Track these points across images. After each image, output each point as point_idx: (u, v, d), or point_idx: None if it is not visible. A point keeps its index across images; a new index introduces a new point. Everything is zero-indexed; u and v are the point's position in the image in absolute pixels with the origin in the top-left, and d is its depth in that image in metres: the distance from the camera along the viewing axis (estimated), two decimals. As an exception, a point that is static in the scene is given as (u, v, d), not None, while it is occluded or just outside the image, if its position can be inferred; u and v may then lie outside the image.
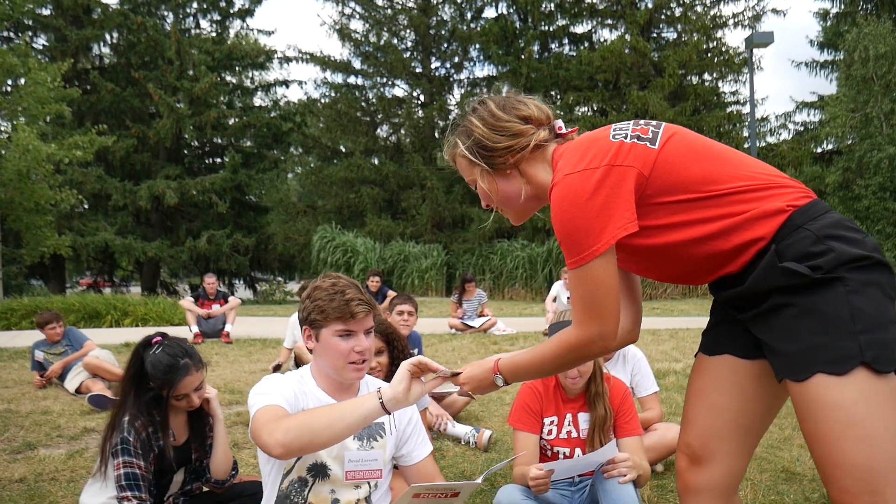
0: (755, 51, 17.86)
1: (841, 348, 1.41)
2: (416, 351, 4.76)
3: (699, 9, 23.44)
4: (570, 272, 1.60)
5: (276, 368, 6.63)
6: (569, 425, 2.81)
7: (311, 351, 2.15)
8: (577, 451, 2.80)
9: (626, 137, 1.61)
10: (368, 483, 2.15)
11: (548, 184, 1.71)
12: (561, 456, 2.82)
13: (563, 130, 1.79)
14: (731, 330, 1.72)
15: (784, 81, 66.15)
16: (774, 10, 23.28)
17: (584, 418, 2.81)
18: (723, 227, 1.55)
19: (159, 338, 2.76)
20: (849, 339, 1.41)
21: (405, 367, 1.84)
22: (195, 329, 9.07)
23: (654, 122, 1.68)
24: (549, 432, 2.83)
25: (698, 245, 1.59)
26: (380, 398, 1.82)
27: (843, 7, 24.41)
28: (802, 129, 24.56)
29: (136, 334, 9.95)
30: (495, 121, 1.73)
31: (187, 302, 9.43)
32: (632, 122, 1.69)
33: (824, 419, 1.43)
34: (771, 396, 1.71)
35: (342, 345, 2.08)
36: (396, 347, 3.11)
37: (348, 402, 1.88)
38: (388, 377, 2.99)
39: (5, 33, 18.58)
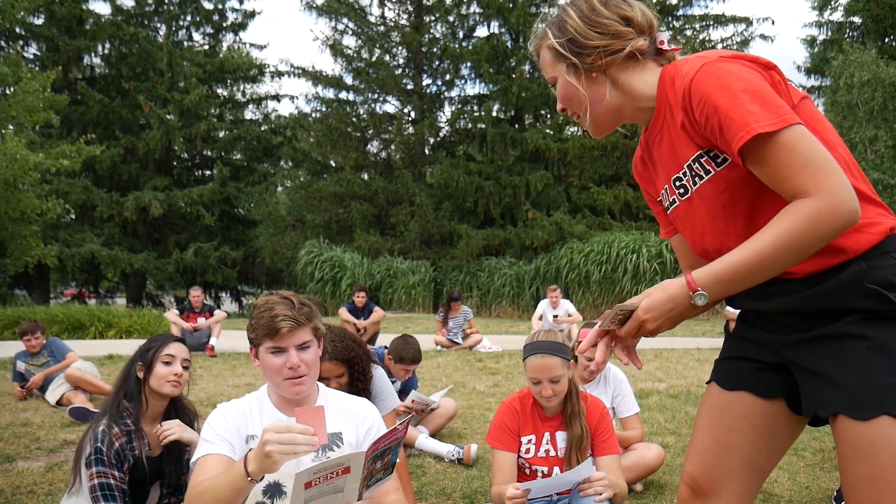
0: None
1: None
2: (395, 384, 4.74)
3: (689, 33, 23.72)
4: (769, 139, 1.32)
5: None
6: (547, 444, 2.83)
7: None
8: (556, 469, 2.82)
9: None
10: None
11: (643, 95, 1.57)
12: (539, 474, 2.84)
13: (665, 46, 1.60)
14: (751, 367, 1.62)
15: (772, 105, 66.77)
16: (762, 36, 23.57)
17: (561, 437, 2.83)
18: None
19: None
20: None
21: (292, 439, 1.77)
22: (179, 342, 9.03)
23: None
24: (527, 451, 2.85)
25: None
26: (246, 471, 1.82)
27: (830, 34, 24.81)
28: (789, 152, 24.80)
29: (119, 346, 9.92)
30: (594, 15, 1.55)
31: (172, 315, 9.39)
32: None
33: (893, 464, 1.33)
34: (785, 436, 1.64)
35: (274, 361, 2.11)
36: (356, 370, 3.13)
37: (224, 473, 1.91)
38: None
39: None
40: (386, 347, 4.68)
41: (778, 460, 1.68)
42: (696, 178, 1.52)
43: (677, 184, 1.58)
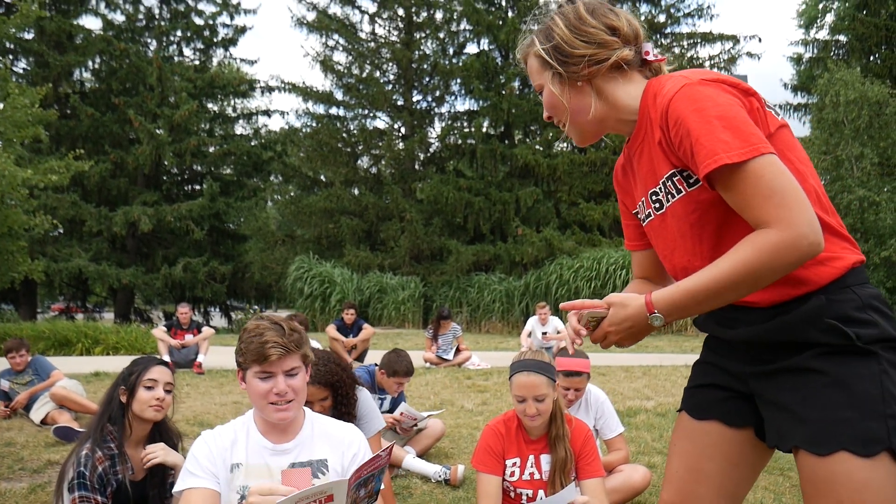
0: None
1: (869, 429, 1.35)
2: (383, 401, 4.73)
3: (676, 50, 23.93)
4: (736, 168, 1.33)
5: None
6: (531, 467, 2.83)
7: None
8: (540, 492, 2.82)
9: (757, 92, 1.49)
10: None
11: (625, 106, 1.58)
12: (524, 497, 2.84)
13: (651, 57, 1.61)
14: (719, 396, 1.65)
15: (759, 122, 67.33)
16: (749, 54, 23.81)
17: (546, 460, 2.84)
18: None
19: None
20: (878, 421, 1.35)
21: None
22: (167, 359, 8.96)
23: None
24: (512, 474, 2.85)
25: None
26: None
27: (816, 52, 25.10)
28: (776, 169, 24.99)
29: (106, 363, 9.86)
30: (580, 24, 1.56)
31: (160, 332, 9.35)
32: None
33: (850, 500, 1.35)
34: (755, 463, 1.67)
35: (261, 386, 2.11)
36: (340, 393, 3.13)
37: None
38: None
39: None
40: (376, 365, 4.68)
41: (751, 485, 1.70)
42: (669, 196, 1.54)
43: (653, 198, 1.60)
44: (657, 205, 1.59)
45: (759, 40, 29.72)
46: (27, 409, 6.01)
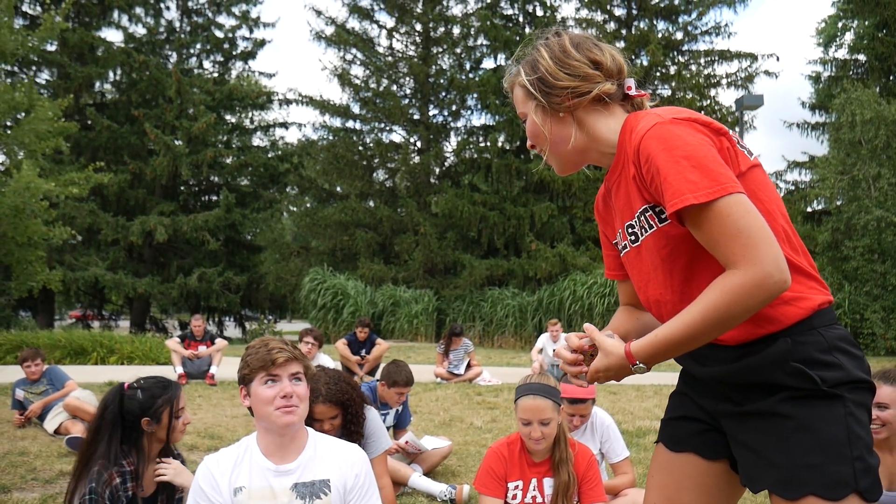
0: (746, 112, 18.21)
1: (837, 473, 1.38)
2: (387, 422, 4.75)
3: (693, 68, 23.94)
4: (702, 208, 1.36)
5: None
6: (533, 490, 2.85)
7: (250, 411, 2.26)
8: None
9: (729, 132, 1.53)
10: None
11: (605, 140, 1.62)
12: (526, 521, 2.85)
13: (633, 92, 1.65)
14: (695, 428, 1.67)
15: (777, 140, 67.30)
16: (767, 72, 23.75)
17: (548, 483, 2.85)
18: None
19: (127, 383, 2.82)
20: (845, 465, 1.38)
21: None
22: (180, 370, 9.06)
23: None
24: (514, 497, 2.87)
25: None
26: None
27: (834, 71, 25.00)
28: (793, 188, 24.89)
29: (120, 373, 9.94)
30: (564, 56, 1.59)
31: (173, 342, 9.43)
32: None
33: None
34: (731, 495, 1.69)
35: (268, 392, 2.18)
36: (350, 412, 3.17)
37: None
38: (339, 436, 3.04)
39: (8, 68, 18.84)
40: (378, 380, 4.73)
41: None
42: (643, 230, 1.57)
43: (630, 231, 1.62)
44: (633, 237, 1.62)
45: (777, 58, 29.68)
46: (41, 418, 6.09)
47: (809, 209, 22.90)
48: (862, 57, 24.39)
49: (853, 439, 1.39)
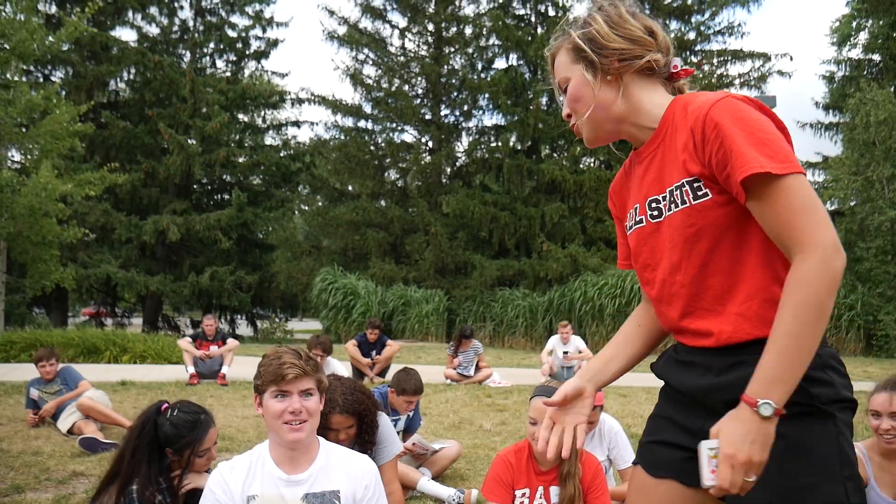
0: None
1: (831, 493, 1.38)
2: (398, 424, 4.77)
3: (706, 68, 23.82)
4: (774, 180, 1.35)
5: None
6: (540, 498, 2.86)
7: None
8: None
9: None
10: None
11: (647, 113, 1.61)
12: (533, 528, 2.87)
13: (678, 69, 1.65)
14: (675, 455, 1.62)
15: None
16: (780, 72, 23.64)
17: (555, 492, 2.87)
18: (774, 292, 1.42)
19: (167, 404, 2.86)
20: (838, 484, 1.38)
21: None
22: (191, 370, 9.11)
23: None
24: (521, 504, 2.89)
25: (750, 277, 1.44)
26: None
27: (848, 71, 24.83)
28: (807, 188, 24.69)
29: (133, 371, 10.04)
30: (620, 20, 1.59)
31: (185, 342, 9.49)
32: None
33: None
34: None
35: (277, 406, 2.21)
36: (365, 422, 3.21)
37: None
38: (352, 446, 3.07)
39: (24, 67, 19.00)
40: (389, 386, 4.75)
41: None
42: (673, 205, 1.54)
43: (653, 205, 1.59)
44: (656, 212, 1.59)
45: (791, 58, 29.43)
46: (55, 417, 6.15)
47: (823, 210, 22.73)
48: (876, 57, 24.22)
49: (844, 459, 1.40)
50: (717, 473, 1.35)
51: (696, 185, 1.48)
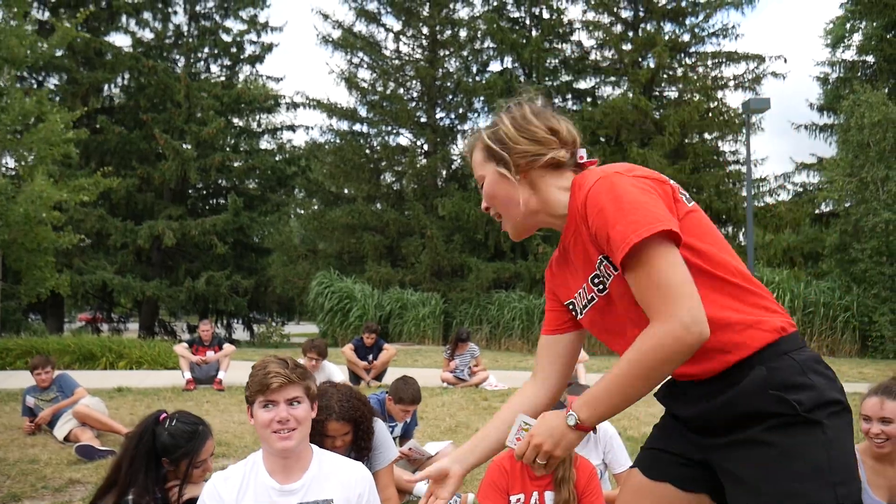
0: (753, 114, 18.17)
1: (820, 499, 1.42)
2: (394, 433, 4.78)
3: (700, 70, 23.89)
4: (632, 255, 1.44)
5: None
6: (535, 502, 2.88)
7: None
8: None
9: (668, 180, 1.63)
10: None
11: (556, 202, 1.70)
12: (528, 532, 2.89)
13: (584, 160, 1.75)
14: (676, 461, 1.70)
15: (785, 141, 66.81)
16: (774, 74, 23.65)
17: (549, 497, 2.89)
18: (724, 318, 1.50)
19: (165, 413, 2.86)
20: (828, 490, 1.42)
21: None
22: (188, 375, 9.11)
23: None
24: (517, 510, 2.90)
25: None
26: None
27: (842, 72, 24.90)
28: (801, 189, 24.80)
29: (129, 377, 10.02)
30: (524, 122, 1.70)
31: (181, 348, 9.49)
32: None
33: None
34: None
35: (265, 415, 2.23)
36: (361, 428, 3.22)
37: None
38: (348, 453, 3.08)
39: (17, 73, 19.01)
40: (386, 392, 4.75)
41: None
42: (607, 277, 1.61)
43: (595, 281, 1.66)
44: (600, 286, 1.65)
45: (785, 60, 29.45)
46: (51, 425, 6.15)
47: (817, 211, 22.82)
48: (870, 58, 24.28)
49: (834, 465, 1.44)
50: (519, 442, 1.63)
51: (607, 260, 1.58)
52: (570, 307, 1.78)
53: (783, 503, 1.44)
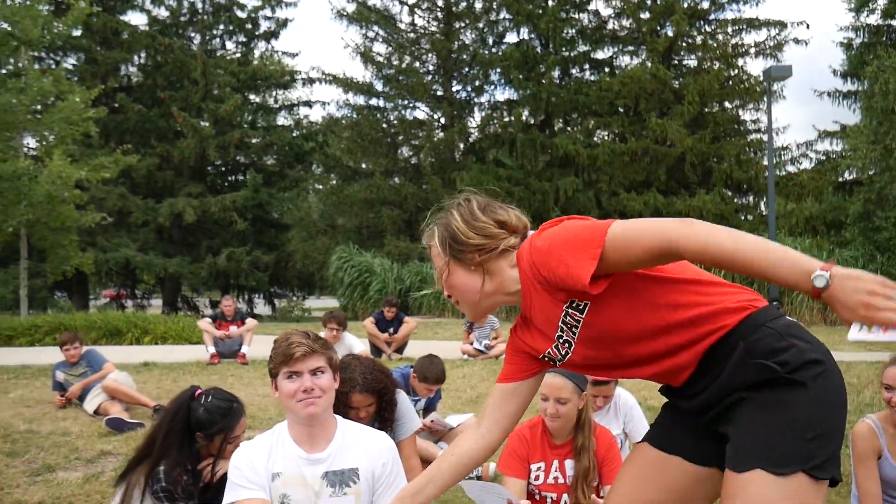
0: (775, 82, 17.90)
1: (788, 450, 1.47)
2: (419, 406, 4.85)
3: (720, 37, 23.54)
4: (597, 273, 1.54)
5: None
6: (556, 471, 2.93)
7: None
8: (564, 496, 2.92)
9: None
10: None
11: (509, 279, 1.78)
12: (549, 500, 2.94)
13: None
14: (687, 437, 1.77)
15: (807, 109, 65.60)
16: (796, 40, 23.26)
17: (570, 465, 2.94)
18: (692, 314, 1.60)
19: (200, 390, 2.93)
20: (798, 443, 1.47)
21: None
22: (211, 350, 9.24)
23: None
24: (537, 477, 2.96)
25: (668, 313, 1.61)
26: None
27: (867, 37, 24.38)
28: (824, 157, 24.46)
29: (155, 352, 10.19)
30: (473, 219, 1.80)
31: (205, 323, 9.62)
32: None
33: None
34: (707, 501, 1.79)
35: (289, 386, 2.26)
36: (385, 400, 3.28)
37: None
38: (372, 423, 3.14)
39: (35, 54, 19.12)
40: (411, 367, 4.82)
41: None
42: (573, 331, 1.69)
43: (561, 341, 1.73)
44: (567, 344, 1.73)
45: (808, 26, 28.81)
46: (81, 399, 6.29)
47: (841, 179, 22.52)
48: (895, 22, 23.76)
49: (813, 421, 1.48)
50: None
51: (573, 304, 1.66)
52: (547, 359, 1.84)
53: (752, 450, 1.50)
